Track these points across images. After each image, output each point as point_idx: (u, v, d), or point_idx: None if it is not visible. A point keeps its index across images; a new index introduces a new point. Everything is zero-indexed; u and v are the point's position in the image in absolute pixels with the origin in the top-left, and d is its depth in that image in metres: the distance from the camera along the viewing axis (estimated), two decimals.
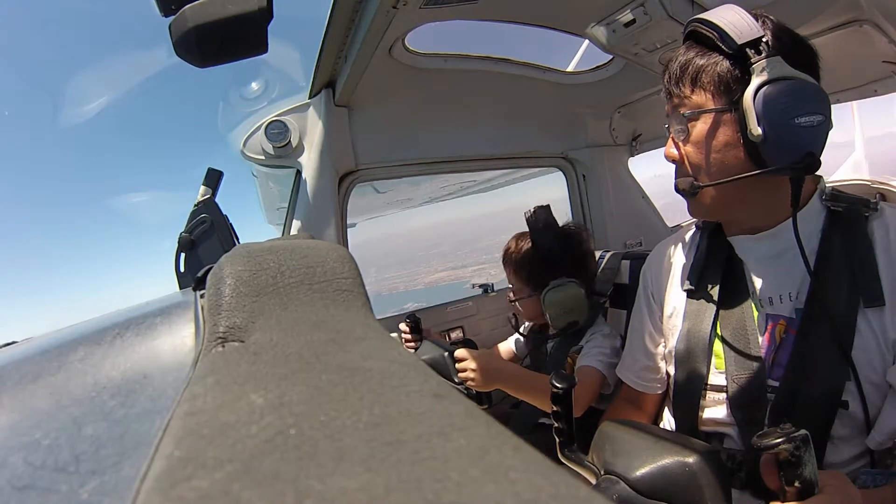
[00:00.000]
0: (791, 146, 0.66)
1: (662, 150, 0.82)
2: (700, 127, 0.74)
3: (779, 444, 0.49)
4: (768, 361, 0.75)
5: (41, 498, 0.24)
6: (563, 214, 1.63)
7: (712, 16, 0.70)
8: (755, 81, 0.66)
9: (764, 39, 0.67)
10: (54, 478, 0.25)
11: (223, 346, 0.27)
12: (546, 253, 1.24)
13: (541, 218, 1.26)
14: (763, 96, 0.65)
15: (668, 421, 0.93)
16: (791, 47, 0.69)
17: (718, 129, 0.72)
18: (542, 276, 1.25)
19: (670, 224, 2.02)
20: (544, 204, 1.30)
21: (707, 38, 0.71)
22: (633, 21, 1.10)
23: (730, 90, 0.70)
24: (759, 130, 0.65)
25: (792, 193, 0.70)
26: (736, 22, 0.68)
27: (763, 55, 0.66)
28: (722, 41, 0.68)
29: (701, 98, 0.73)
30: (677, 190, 0.79)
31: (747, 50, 0.67)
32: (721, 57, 0.70)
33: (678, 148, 0.78)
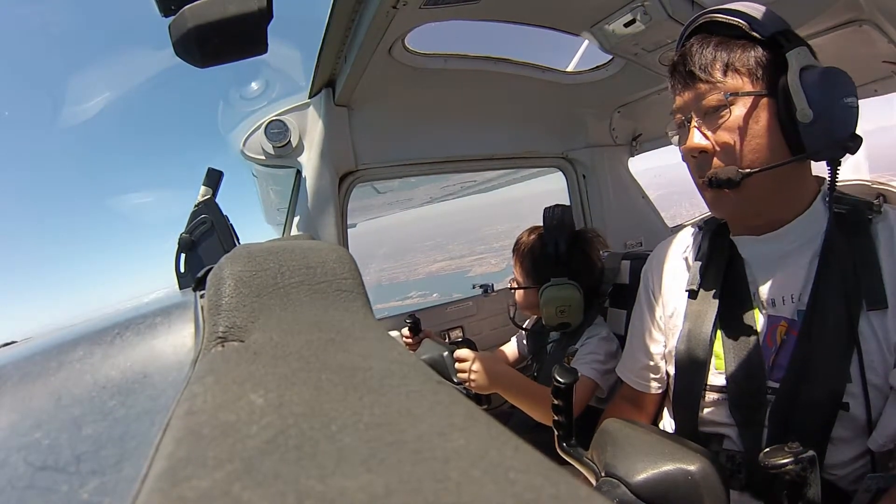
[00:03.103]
0: (840, 126, 0.68)
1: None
2: (737, 112, 0.71)
3: (786, 464, 0.49)
4: (769, 363, 0.75)
5: (42, 498, 0.24)
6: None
7: (738, 6, 0.72)
8: (795, 65, 0.68)
9: (789, 30, 0.70)
10: (55, 478, 0.25)
11: (223, 346, 0.27)
12: (553, 250, 1.25)
13: (557, 215, 1.27)
14: (809, 79, 0.67)
15: (667, 421, 0.92)
16: (802, 42, 0.71)
17: (758, 113, 0.71)
18: (543, 272, 1.26)
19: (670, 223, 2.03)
20: (566, 204, 1.32)
21: (729, 28, 0.72)
22: (633, 21, 1.11)
23: (767, 75, 0.71)
24: (810, 111, 0.66)
25: (830, 176, 0.71)
26: (763, 12, 0.70)
27: (793, 44, 0.69)
28: (753, 29, 0.70)
29: (737, 82, 0.71)
30: (711, 183, 0.73)
31: (779, 37, 0.69)
32: (752, 43, 0.71)
33: (707, 137, 0.74)
